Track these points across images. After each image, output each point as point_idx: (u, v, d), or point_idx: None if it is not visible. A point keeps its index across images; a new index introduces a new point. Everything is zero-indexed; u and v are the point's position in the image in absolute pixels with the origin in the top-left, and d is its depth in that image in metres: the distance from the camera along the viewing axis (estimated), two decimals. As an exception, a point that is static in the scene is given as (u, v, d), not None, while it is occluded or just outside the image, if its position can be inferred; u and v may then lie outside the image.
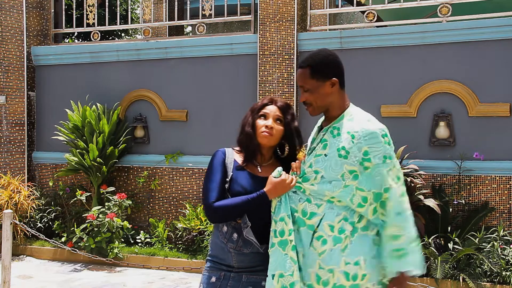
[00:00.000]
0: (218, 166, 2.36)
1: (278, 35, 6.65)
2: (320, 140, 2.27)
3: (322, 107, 2.28)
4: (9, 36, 7.67)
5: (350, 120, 2.24)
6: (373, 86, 6.31)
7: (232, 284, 2.33)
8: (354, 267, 2.14)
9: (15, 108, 7.72)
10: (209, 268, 2.40)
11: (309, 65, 2.26)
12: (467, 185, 5.91)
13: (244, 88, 6.85)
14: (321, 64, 2.25)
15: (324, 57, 2.28)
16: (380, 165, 2.16)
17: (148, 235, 6.93)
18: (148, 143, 7.38)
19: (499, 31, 5.87)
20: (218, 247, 2.36)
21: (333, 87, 2.25)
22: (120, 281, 5.91)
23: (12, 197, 6.83)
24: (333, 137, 2.23)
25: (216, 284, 2.34)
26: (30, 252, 6.98)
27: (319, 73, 2.24)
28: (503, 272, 5.13)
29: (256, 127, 2.37)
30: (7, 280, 4.71)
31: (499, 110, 5.84)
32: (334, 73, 2.26)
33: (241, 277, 2.34)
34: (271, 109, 2.38)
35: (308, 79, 2.25)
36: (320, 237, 2.19)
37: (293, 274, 2.16)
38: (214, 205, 2.27)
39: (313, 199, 2.22)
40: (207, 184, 2.34)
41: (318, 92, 2.25)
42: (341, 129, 2.23)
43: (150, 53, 7.36)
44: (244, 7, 9.06)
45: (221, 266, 2.35)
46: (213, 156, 2.40)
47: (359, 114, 2.27)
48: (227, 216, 2.28)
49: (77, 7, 8.75)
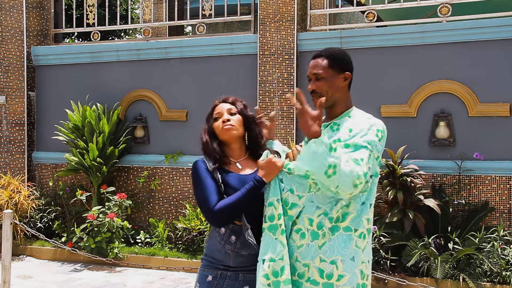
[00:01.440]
0: (205, 173, 2.34)
1: (278, 35, 6.65)
2: None
3: (331, 99, 2.28)
4: (9, 36, 7.67)
5: (351, 118, 2.27)
6: (373, 86, 6.31)
7: (229, 283, 2.33)
8: (330, 266, 2.13)
9: (15, 108, 7.72)
10: (205, 267, 2.39)
11: (328, 55, 2.31)
12: (467, 185, 5.91)
13: (244, 88, 6.85)
14: (340, 56, 2.33)
15: (343, 52, 2.38)
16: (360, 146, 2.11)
17: (148, 235, 6.93)
18: (148, 143, 7.38)
19: (499, 31, 5.87)
20: (215, 248, 2.36)
21: (345, 81, 2.32)
22: (120, 281, 5.91)
23: (12, 197, 6.83)
24: (332, 131, 2.26)
25: (213, 283, 2.34)
26: (30, 252, 6.98)
27: (337, 64, 2.30)
28: (503, 272, 5.13)
29: (216, 131, 2.41)
30: (7, 280, 4.72)
31: (499, 110, 5.84)
32: (349, 69, 2.34)
33: (237, 275, 2.33)
34: (221, 108, 2.45)
35: (326, 67, 2.29)
36: (299, 230, 2.20)
37: (283, 258, 2.16)
38: (215, 209, 2.25)
39: (296, 189, 2.21)
40: (201, 192, 2.31)
41: (332, 82, 2.28)
42: (341, 125, 2.26)
43: (150, 53, 7.36)
44: (244, 7, 9.06)
45: (218, 265, 2.35)
46: (194, 167, 2.38)
47: (360, 114, 2.30)
48: (231, 215, 2.27)
49: (77, 7, 8.76)
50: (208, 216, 2.28)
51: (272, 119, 2.67)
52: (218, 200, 2.27)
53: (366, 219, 2.18)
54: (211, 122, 2.45)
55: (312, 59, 2.35)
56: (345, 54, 2.36)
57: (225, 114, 2.41)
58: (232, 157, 2.43)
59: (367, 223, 2.19)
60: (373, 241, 5.52)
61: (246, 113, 2.44)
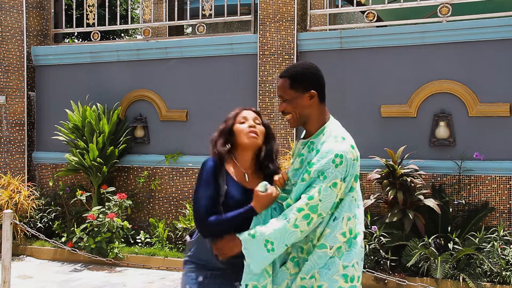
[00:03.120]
0: (210, 177, 2.33)
1: (278, 35, 6.65)
2: (298, 155, 2.33)
3: (301, 118, 2.29)
4: (9, 36, 7.67)
5: (324, 135, 2.27)
6: (373, 86, 6.30)
7: (221, 282, 2.34)
8: (310, 281, 2.19)
9: (15, 108, 7.72)
10: (192, 270, 2.38)
11: (288, 76, 2.28)
12: (467, 185, 5.91)
13: (244, 88, 6.85)
14: (301, 75, 2.27)
15: (304, 69, 2.29)
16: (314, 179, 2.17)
17: (148, 235, 6.93)
18: (148, 143, 7.38)
19: (499, 31, 5.87)
20: (203, 249, 2.36)
21: (312, 99, 2.27)
22: (120, 281, 5.91)
23: (12, 197, 6.83)
24: (308, 152, 2.28)
25: (204, 282, 2.34)
26: (30, 252, 6.98)
27: (298, 84, 2.26)
28: (503, 272, 5.13)
29: (237, 132, 2.38)
30: (7, 280, 4.72)
31: (499, 110, 5.84)
32: (314, 86, 2.27)
33: (227, 273, 2.35)
34: (247, 114, 2.42)
35: (287, 89, 2.28)
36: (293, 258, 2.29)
37: (266, 286, 2.22)
38: (207, 221, 2.27)
39: None
40: (200, 197, 2.31)
41: (297, 103, 2.27)
42: (315, 145, 2.26)
43: (150, 53, 7.36)
44: (244, 7, 9.05)
45: (207, 266, 2.36)
46: (204, 166, 2.37)
47: (333, 131, 2.27)
48: (217, 232, 2.29)
49: (77, 7, 8.76)
50: (199, 225, 2.31)
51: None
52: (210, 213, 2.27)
53: (341, 233, 2.20)
54: (230, 123, 2.41)
55: (278, 78, 2.36)
56: (308, 71, 2.29)
57: (251, 121, 2.39)
58: (242, 166, 2.41)
59: (343, 237, 2.21)
60: (373, 241, 5.52)
61: (269, 127, 2.45)
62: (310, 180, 2.17)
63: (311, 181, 2.17)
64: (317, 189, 2.14)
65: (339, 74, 6.33)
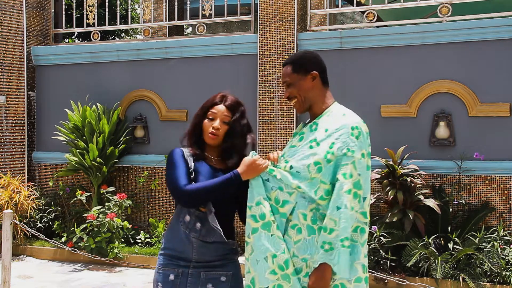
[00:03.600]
0: (179, 158, 2.38)
1: (278, 35, 6.65)
2: (298, 134, 2.37)
3: (306, 101, 2.35)
4: (9, 36, 7.67)
5: (328, 116, 2.32)
6: (373, 86, 6.30)
7: (192, 281, 2.31)
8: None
9: (15, 108, 7.72)
10: (164, 266, 2.36)
11: (290, 61, 2.39)
12: (467, 185, 5.91)
13: (244, 88, 6.85)
14: (301, 59, 2.38)
15: (304, 54, 2.43)
16: (340, 157, 2.18)
17: (148, 235, 6.93)
18: (148, 143, 7.38)
19: (499, 31, 5.87)
20: (177, 239, 2.34)
21: (314, 80, 2.35)
22: (120, 281, 5.91)
23: (12, 197, 6.83)
24: (310, 131, 2.31)
25: (175, 282, 2.31)
26: (30, 252, 6.98)
27: (299, 67, 2.35)
28: (503, 272, 5.13)
29: (203, 128, 2.43)
30: (7, 280, 4.71)
31: (499, 110, 5.84)
32: (314, 67, 2.36)
33: (199, 274, 2.32)
34: (218, 109, 2.42)
35: (290, 74, 2.36)
36: (295, 226, 2.23)
37: (284, 251, 2.20)
38: (186, 188, 2.27)
39: (285, 187, 2.25)
40: (173, 172, 2.33)
41: (300, 85, 2.35)
42: (319, 125, 2.31)
43: (150, 53, 7.37)
44: (244, 7, 9.05)
45: (178, 261, 2.33)
46: (171, 153, 2.43)
47: (338, 110, 2.33)
48: (201, 198, 2.28)
49: (77, 7, 8.76)
50: (178, 194, 2.28)
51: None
52: (188, 183, 2.29)
53: (361, 212, 2.19)
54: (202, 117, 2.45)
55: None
56: (308, 55, 2.41)
57: (219, 121, 2.40)
58: (209, 153, 2.47)
59: (363, 217, 2.20)
60: (373, 241, 5.52)
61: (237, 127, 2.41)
62: (336, 159, 2.18)
63: (337, 160, 2.18)
64: (351, 165, 2.16)
65: (339, 74, 6.33)
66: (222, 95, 2.48)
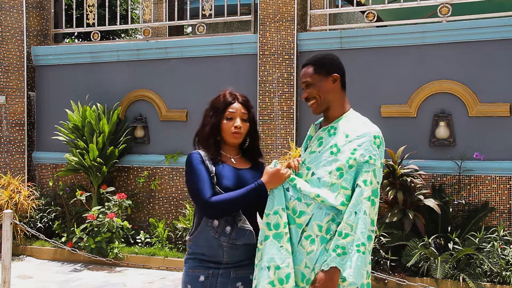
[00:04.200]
0: (199, 165, 2.36)
1: (278, 35, 6.65)
2: (317, 138, 2.36)
3: (324, 103, 2.36)
4: (9, 36, 7.67)
5: (347, 121, 2.33)
6: (373, 86, 6.30)
7: (222, 281, 2.32)
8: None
9: (15, 108, 7.72)
10: (193, 268, 2.36)
11: (312, 62, 2.40)
12: (467, 185, 5.91)
13: (244, 88, 6.80)
14: (324, 60, 2.39)
15: (326, 55, 2.43)
16: (361, 164, 2.21)
17: (148, 235, 6.93)
18: (148, 143, 7.38)
19: (499, 31, 5.87)
20: (206, 243, 2.34)
21: (335, 83, 2.36)
22: (120, 281, 5.91)
23: (12, 197, 6.83)
24: (329, 136, 2.32)
25: (206, 283, 2.32)
26: (30, 252, 6.98)
27: (321, 68, 2.36)
28: (503, 272, 5.13)
29: (223, 129, 2.42)
30: (7, 280, 4.71)
31: (499, 110, 5.84)
32: (336, 70, 2.37)
33: (229, 273, 2.34)
34: (236, 108, 2.43)
35: (311, 74, 2.37)
36: (309, 237, 2.23)
37: (288, 265, 2.20)
38: (211, 200, 2.27)
39: (303, 198, 2.26)
40: (196, 182, 2.32)
41: (321, 86, 2.35)
42: (337, 129, 2.31)
43: (150, 53, 7.37)
44: (244, 7, 9.05)
45: (209, 263, 2.33)
46: (189, 158, 2.39)
47: (357, 117, 2.37)
48: (226, 210, 2.29)
49: (77, 7, 8.75)
50: (203, 206, 2.29)
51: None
52: (212, 194, 2.28)
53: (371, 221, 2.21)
54: (220, 118, 2.43)
55: (302, 68, 2.46)
56: (330, 57, 2.42)
57: (239, 120, 2.42)
58: (227, 153, 2.46)
59: (372, 225, 2.21)
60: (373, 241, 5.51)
61: (255, 121, 2.50)
62: (357, 166, 2.21)
63: (358, 167, 2.21)
64: (371, 173, 2.20)
65: (339, 74, 6.31)
66: (231, 93, 2.49)
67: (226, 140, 2.44)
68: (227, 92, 2.49)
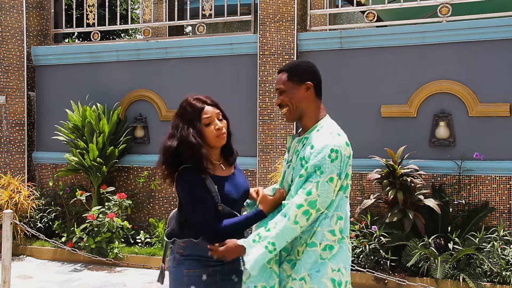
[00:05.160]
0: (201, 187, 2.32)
1: (278, 35, 6.65)
2: (295, 152, 2.36)
3: (297, 111, 2.35)
4: (9, 36, 7.67)
5: (317, 132, 2.30)
6: (373, 86, 6.30)
7: (221, 277, 2.38)
8: (299, 282, 2.20)
9: (15, 108, 7.72)
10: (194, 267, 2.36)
11: (286, 69, 2.39)
12: (467, 185, 5.91)
13: (244, 88, 6.85)
14: (297, 68, 2.37)
15: (300, 63, 2.42)
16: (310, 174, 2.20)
17: (148, 235, 6.93)
18: (148, 143, 7.38)
19: (499, 31, 5.87)
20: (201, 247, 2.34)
21: (308, 91, 2.34)
22: (120, 281, 5.91)
23: (12, 197, 6.83)
24: (302, 147, 2.31)
25: (208, 281, 2.35)
26: (30, 252, 6.98)
27: (295, 76, 2.34)
28: (503, 272, 5.13)
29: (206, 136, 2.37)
30: (7, 280, 4.71)
31: (499, 110, 5.84)
32: (309, 78, 2.35)
33: (224, 268, 2.38)
34: (210, 112, 2.42)
35: (284, 81, 2.36)
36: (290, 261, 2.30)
37: (274, 286, 2.25)
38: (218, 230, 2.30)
39: None
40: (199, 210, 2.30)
41: (293, 93, 2.34)
42: (309, 140, 2.30)
43: (150, 53, 7.36)
44: (244, 7, 9.06)
45: (207, 262, 2.36)
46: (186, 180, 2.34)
47: (327, 127, 2.31)
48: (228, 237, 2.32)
49: (77, 7, 8.76)
50: (210, 238, 2.30)
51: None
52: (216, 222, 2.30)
53: (330, 231, 2.22)
54: (199, 126, 2.37)
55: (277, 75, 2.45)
56: (305, 64, 2.40)
57: (217, 120, 2.41)
58: (214, 159, 2.44)
59: (332, 235, 2.22)
60: (373, 241, 5.52)
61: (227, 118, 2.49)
62: (307, 175, 2.21)
63: (308, 176, 2.21)
64: (314, 184, 2.18)
65: (339, 74, 6.32)
66: (197, 98, 2.48)
67: (212, 145, 2.39)
68: (191, 99, 2.47)
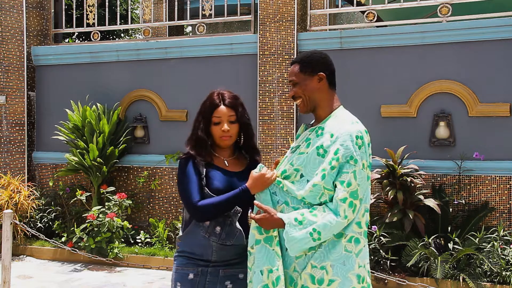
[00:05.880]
0: (190, 167, 2.39)
1: (278, 35, 6.65)
2: (305, 139, 2.32)
3: (310, 102, 2.33)
4: (9, 36, 7.67)
5: (334, 120, 2.28)
6: (373, 86, 6.30)
7: (211, 279, 2.35)
8: (320, 271, 2.15)
9: (15, 108, 7.72)
10: (183, 265, 2.38)
11: (298, 60, 2.37)
12: (467, 185, 5.91)
13: (244, 88, 6.84)
14: (310, 58, 2.35)
15: (313, 54, 2.39)
16: (343, 164, 2.17)
17: (148, 235, 6.93)
18: (148, 143, 7.38)
19: (499, 31, 5.87)
20: (196, 243, 2.37)
21: (321, 82, 2.33)
22: (120, 281, 5.91)
23: (12, 197, 6.83)
24: (316, 136, 2.28)
25: (195, 280, 2.34)
26: (30, 252, 6.98)
27: (307, 67, 2.33)
28: (503, 272, 5.13)
29: (213, 134, 2.43)
30: (7, 280, 4.71)
31: (499, 110, 5.84)
32: (322, 69, 2.34)
33: (218, 272, 2.37)
34: (222, 112, 2.42)
35: (297, 72, 2.34)
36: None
37: (278, 269, 2.21)
38: (199, 204, 2.31)
39: (291, 201, 2.25)
40: (185, 186, 2.36)
41: (306, 85, 2.32)
42: (324, 129, 2.27)
43: (150, 53, 7.37)
44: (244, 7, 9.06)
45: (198, 261, 2.36)
46: (182, 163, 2.44)
47: (344, 116, 2.30)
48: (214, 214, 2.32)
49: (77, 7, 8.76)
50: (191, 210, 2.34)
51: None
52: (200, 198, 2.32)
53: (356, 223, 2.19)
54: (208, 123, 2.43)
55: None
56: (317, 55, 2.37)
57: (226, 123, 2.41)
58: (221, 155, 2.48)
59: (358, 227, 2.19)
60: (373, 241, 5.52)
61: (243, 120, 2.47)
62: (339, 166, 2.17)
63: (340, 167, 2.17)
64: (351, 174, 2.15)
65: (339, 74, 6.27)
66: (218, 94, 2.46)
67: (217, 143, 2.46)
68: (215, 94, 2.47)
